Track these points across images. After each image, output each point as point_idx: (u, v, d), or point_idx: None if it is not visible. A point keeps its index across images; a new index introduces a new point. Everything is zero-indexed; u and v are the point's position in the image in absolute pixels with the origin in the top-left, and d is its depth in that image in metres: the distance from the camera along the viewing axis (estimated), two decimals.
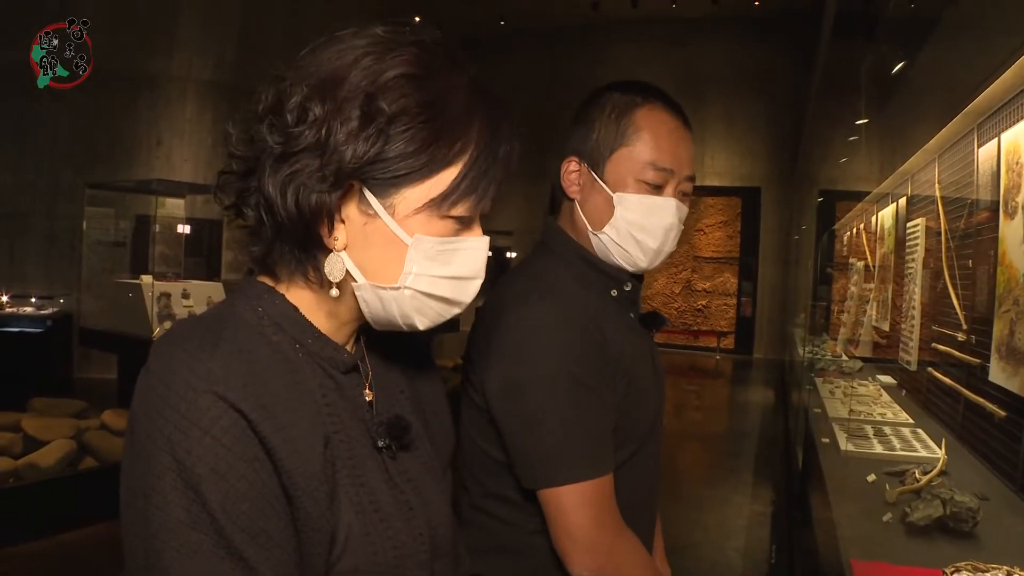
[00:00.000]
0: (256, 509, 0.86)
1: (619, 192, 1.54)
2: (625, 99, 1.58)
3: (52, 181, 9.65)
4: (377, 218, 0.96)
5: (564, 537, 1.40)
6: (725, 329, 17.38)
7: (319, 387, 0.99)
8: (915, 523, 2.05)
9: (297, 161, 0.93)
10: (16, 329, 8.14)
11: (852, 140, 5.23)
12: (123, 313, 6.89)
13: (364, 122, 0.92)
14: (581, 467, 1.39)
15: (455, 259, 1.00)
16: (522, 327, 1.44)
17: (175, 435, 0.84)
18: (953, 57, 3.02)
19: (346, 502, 0.96)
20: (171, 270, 8.48)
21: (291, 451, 0.89)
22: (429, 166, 0.95)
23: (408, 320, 1.01)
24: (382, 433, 1.04)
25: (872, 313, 5.23)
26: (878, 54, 3.67)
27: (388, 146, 0.93)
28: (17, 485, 4.81)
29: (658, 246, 1.54)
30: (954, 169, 3.15)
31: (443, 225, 0.98)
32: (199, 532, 0.84)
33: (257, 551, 0.86)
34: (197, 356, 0.89)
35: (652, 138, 1.53)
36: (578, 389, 1.42)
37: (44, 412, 5.71)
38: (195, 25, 10.43)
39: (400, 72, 0.95)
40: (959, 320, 2.92)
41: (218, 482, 0.84)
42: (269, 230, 0.97)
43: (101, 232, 9.02)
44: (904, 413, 3.61)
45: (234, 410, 0.86)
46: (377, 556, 0.97)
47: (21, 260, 9.74)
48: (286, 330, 0.99)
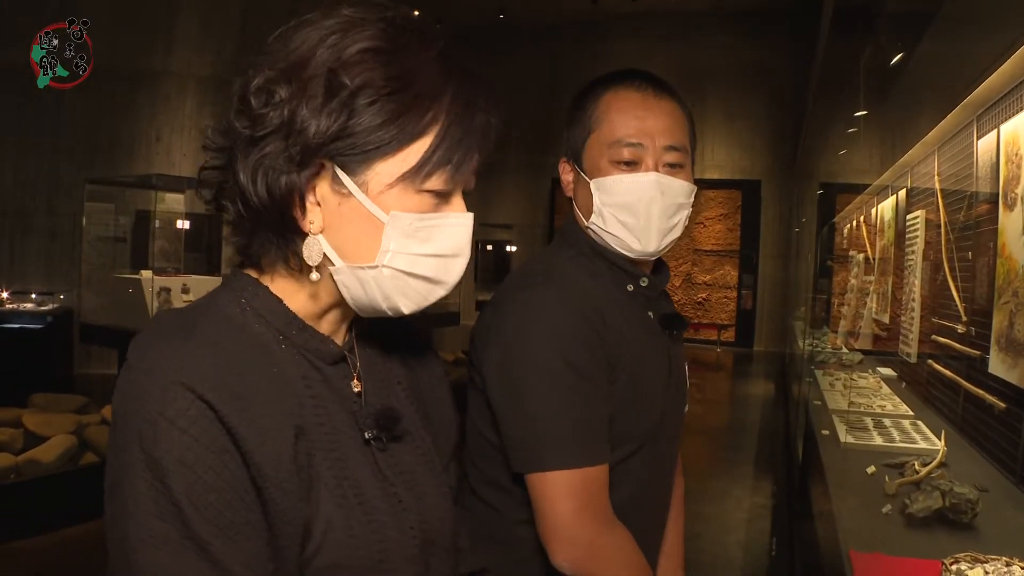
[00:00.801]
0: (224, 500, 0.85)
1: (595, 178, 1.53)
2: (595, 89, 1.58)
3: (52, 177, 9.65)
4: (351, 197, 0.94)
5: (546, 524, 1.39)
6: (725, 322, 17.39)
7: (303, 378, 0.98)
8: (915, 515, 2.05)
9: (266, 145, 0.93)
10: (17, 325, 8.14)
11: (851, 132, 5.22)
12: (123, 308, 6.90)
13: (327, 97, 0.91)
14: (569, 453, 1.38)
15: (436, 236, 0.98)
16: (520, 310, 1.44)
17: (143, 426, 0.84)
18: (952, 49, 3.02)
19: (326, 495, 0.94)
20: (171, 265, 8.48)
21: (259, 442, 0.88)
22: (399, 138, 0.93)
23: (391, 303, 0.99)
24: (370, 424, 1.02)
25: (872, 305, 5.23)
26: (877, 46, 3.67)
27: (355, 120, 0.92)
28: (18, 481, 4.82)
29: (643, 223, 1.50)
30: (954, 161, 3.14)
31: (420, 200, 0.96)
32: (166, 523, 0.84)
33: (224, 542, 0.85)
34: (167, 348, 0.89)
35: (617, 116, 1.52)
36: (571, 374, 1.40)
37: (45, 408, 5.72)
38: (194, 21, 10.43)
39: (364, 46, 0.94)
40: (959, 312, 2.92)
41: (185, 473, 0.84)
42: (247, 220, 0.97)
43: (101, 228, 9.01)
44: (904, 405, 3.61)
45: (201, 400, 0.85)
46: (359, 550, 0.95)
47: (21, 256, 9.74)
48: (269, 322, 0.99)
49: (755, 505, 6.14)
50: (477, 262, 16.70)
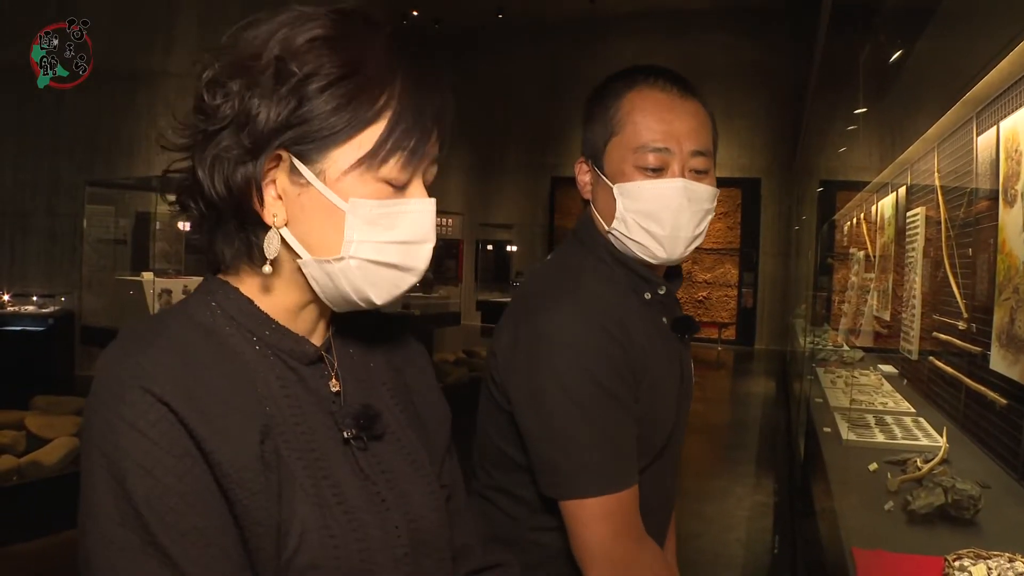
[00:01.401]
0: (186, 504, 0.84)
1: (619, 183, 1.48)
2: (616, 86, 1.53)
3: (53, 179, 9.66)
4: (310, 187, 0.94)
5: (583, 548, 1.38)
6: (726, 320, 17.40)
7: (277, 379, 0.98)
8: (917, 511, 2.05)
9: (221, 139, 0.93)
10: (18, 328, 8.15)
11: (851, 130, 5.22)
12: (125, 310, 6.90)
13: (277, 85, 0.92)
14: (603, 480, 1.37)
15: (399, 222, 0.98)
16: (545, 332, 1.41)
17: (104, 430, 0.84)
18: (951, 45, 3.01)
19: (301, 495, 0.93)
20: (172, 267, 8.48)
21: (221, 443, 0.87)
22: (352, 124, 0.94)
23: (362, 294, 0.99)
24: (349, 424, 1.02)
25: (873, 303, 5.22)
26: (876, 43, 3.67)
27: (307, 107, 0.92)
28: (20, 483, 4.83)
29: (670, 232, 1.45)
30: (953, 158, 3.14)
31: (379, 188, 0.96)
32: (125, 528, 0.83)
33: (184, 548, 0.84)
34: (130, 353, 0.89)
35: (641, 119, 1.47)
36: (602, 398, 1.38)
37: (47, 410, 5.72)
38: (193, 22, 10.43)
39: (312, 35, 0.95)
40: (960, 309, 2.92)
41: (144, 477, 0.83)
42: (208, 218, 0.98)
43: (102, 230, 9.02)
44: (905, 402, 3.61)
45: (161, 403, 0.84)
46: (339, 550, 0.94)
47: (22, 259, 9.75)
48: (241, 323, 0.98)
49: (756, 503, 6.14)
50: (477, 262, 16.71)
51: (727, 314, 17.52)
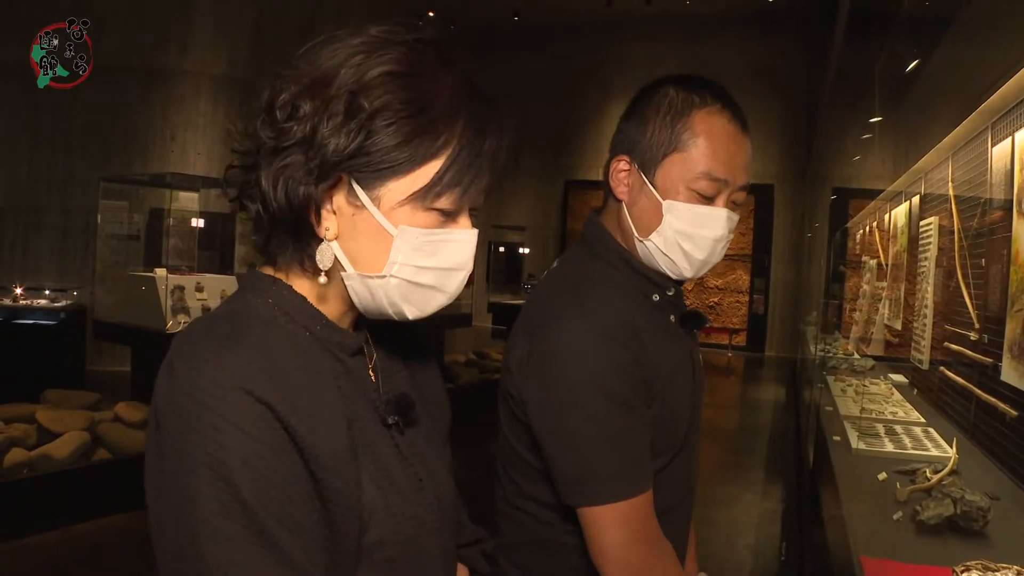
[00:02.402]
0: (285, 496, 0.90)
1: (669, 199, 1.48)
2: (682, 98, 1.50)
3: (67, 175, 9.70)
4: (364, 209, 1.00)
5: (600, 555, 1.40)
6: (737, 326, 17.37)
7: (331, 371, 1.04)
8: (926, 522, 2.05)
9: (288, 155, 0.98)
10: (30, 321, 8.18)
11: (866, 138, 5.21)
12: (137, 306, 6.92)
13: (347, 118, 0.96)
14: (619, 487, 1.39)
15: (441, 250, 1.03)
16: (559, 344, 1.41)
17: (208, 431, 0.88)
18: (968, 55, 3.01)
19: (366, 479, 1.00)
20: (184, 263, 8.50)
21: (316, 437, 0.93)
22: (412, 159, 0.98)
23: (397, 308, 1.05)
24: (391, 410, 1.08)
25: (884, 311, 5.22)
26: (892, 52, 3.66)
27: (371, 140, 0.97)
28: (31, 476, 4.84)
29: (705, 257, 1.49)
30: (968, 168, 3.13)
31: (428, 217, 1.01)
32: (233, 521, 0.87)
33: (288, 536, 0.90)
34: (221, 354, 0.92)
35: (708, 145, 1.46)
36: (616, 408, 1.40)
37: (58, 404, 5.75)
38: (208, 20, 10.47)
39: (385, 70, 0.98)
40: (971, 319, 2.91)
41: (249, 473, 0.88)
42: (266, 221, 1.02)
43: (115, 225, 9.04)
44: (915, 412, 3.61)
45: (261, 403, 0.90)
46: (399, 527, 1.02)
47: (35, 253, 9.80)
48: (296, 319, 1.04)
49: (765, 510, 6.13)
50: (489, 264, 16.71)
51: (738, 320, 17.49)
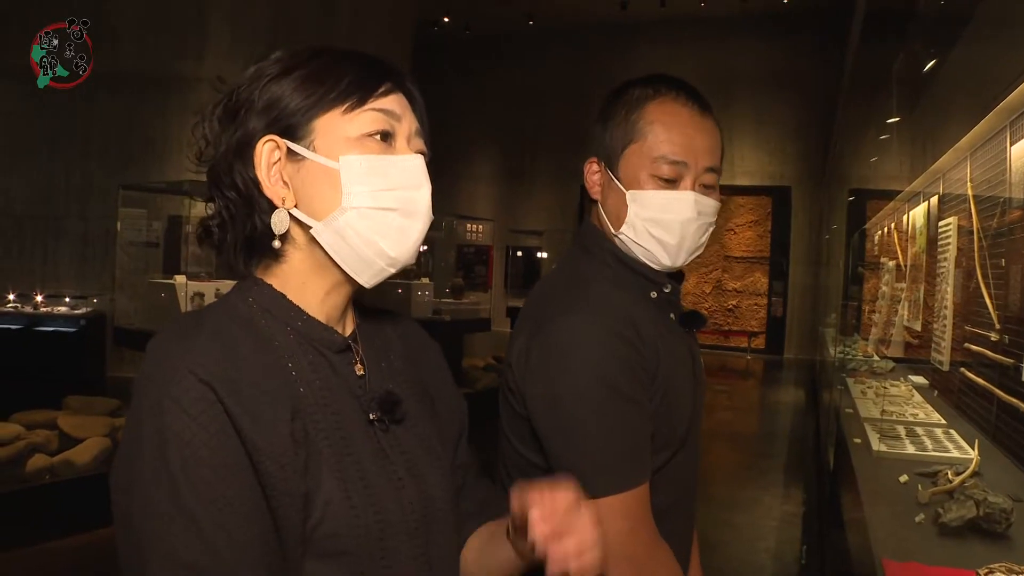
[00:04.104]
0: (216, 476, 0.92)
1: (632, 190, 1.53)
2: (638, 93, 1.56)
3: (85, 183, 9.75)
4: (305, 160, 1.06)
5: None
6: (756, 329, 17.33)
7: (309, 364, 1.07)
8: (948, 524, 2.03)
9: (220, 147, 1.09)
10: (51, 328, 8.22)
11: (883, 139, 5.19)
12: (157, 313, 6.95)
13: (245, 90, 1.09)
14: (620, 478, 1.40)
15: (390, 171, 1.08)
16: (559, 339, 1.44)
17: (154, 407, 0.93)
18: (986, 54, 2.99)
19: (326, 470, 1.01)
20: (203, 270, 8.54)
21: (254, 422, 0.95)
22: (314, 94, 1.07)
23: (376, 248, 1.07)
24: (373, 407, 1.11)
25: (903, 313, 5.19)
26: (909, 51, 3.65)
27: (270, 93, 1.07)
28: (52, 481, 4.89)
29: (677, 241, 1.51)
30: (986, 167, 3.12)
31: (364, 144, 1.07)
32: (160, 492, 0.91)
33: (211, 516, 0.92)
34: (181, 343, 0.98)
35: (663, 130, 1.51)
36: (616, 401, 1.41)
37: (79, 410, 5.78)
38: (225, 28, 10.51)
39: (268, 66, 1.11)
40: (992, 320, 2.89)
41: (181, 448, 0.91)
42: (230, 236, 1.11)
43: (134, 233, 9.09)
44: (936, 413, 3.59)
45: (203, 384, 0.93)
46: (359, 520, 1.02)
47: (55, 260, 9.85)
48: (275, 315, 1.08)
49: (785, 513, 6.11)
50: (507, 268, 16.72)
51: (757, 323, 17.44)
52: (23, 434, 5.12)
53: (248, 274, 1.11)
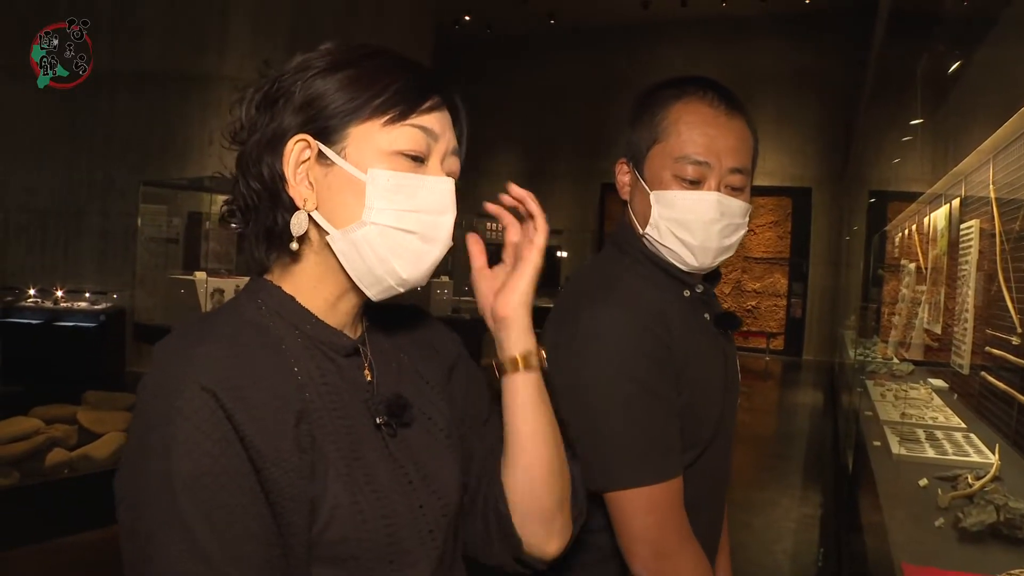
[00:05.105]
0: (218, 484, 0.92)
1: (656, 190, 1.52)
2: (665, 94, 1.56)
3: (106, 179, 9.80)
4: (334, 166, 1.04)
5: (629, 540, 1.40)
6: (775, 330, 17.24)
7: (317, 368, 1.06)
8: (968, 529, 2.02)
9: (251, 137, 1.08)
10: (71, 324, 8.28)
11: (905, 141, 5.17)
12: (177, 309, 6.99)
13: (288, 82, 1.07)
14: (646, 471, 1.39)
15: (418, 193, 1.06)
16: (588, 330, 1.44)
17: (160, 416, 0.92)
18: (1009, 56, 2.98)
19: (333, 475, 1.01)
20: (223, 266, 8.58)
21: (258, 428, 0.94)
22: (354, 99, 1.05)
23: (388, 266, 1.06)
24: (381, 411, 1.09)
25: (924, 315, 5.16)
26: (932, 53, 3.63)
27: (312, 91, 1.05)
28: (72, 476, 4.92)
29: (700, 242, 1.50)
30: (1009, 170, 3.10)
31: (396, 161, 1.05)
32: (160, 500, 0.91)
33: (209, 528, 0.91)
34: (184, 348, 0.98)
35: (686, 130, 1.50)
36: (643, 393, 1.41)
37: (98, 405, 5.81)
38: (245, 26, 10.55)
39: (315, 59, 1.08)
40: (1013, 323, 2.87)
41: (183, 458, 0.90)
42: (251, 228, 1.11)
43: (154, 229, 9.14)
44: (956, 417, 3.57)
45: (207, 392, 0.92)
46: (367, 525, 1.01)
47: (76, 256, 9.91)
48: (284, 318, 1.07)
49: (803, 515, 6.09)
50: None
51: (776, 324, 17.36)
52: (42, 428, 5.15)
53: (267, 267, 1.11)
